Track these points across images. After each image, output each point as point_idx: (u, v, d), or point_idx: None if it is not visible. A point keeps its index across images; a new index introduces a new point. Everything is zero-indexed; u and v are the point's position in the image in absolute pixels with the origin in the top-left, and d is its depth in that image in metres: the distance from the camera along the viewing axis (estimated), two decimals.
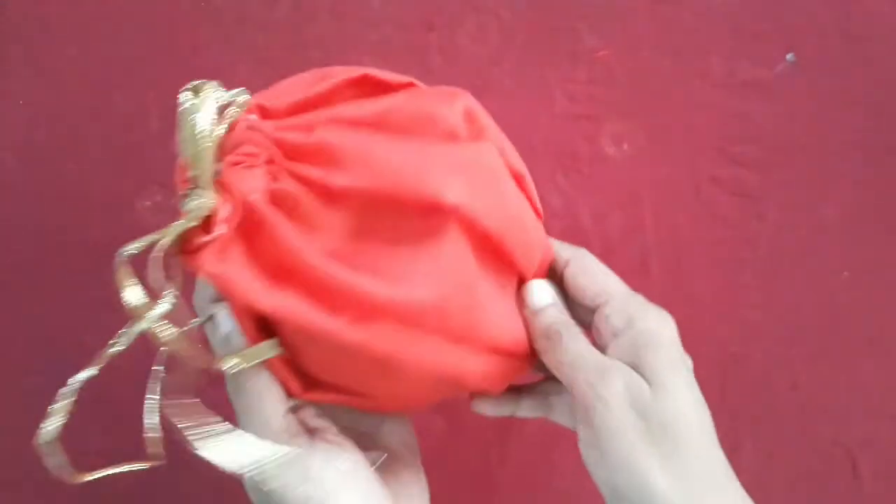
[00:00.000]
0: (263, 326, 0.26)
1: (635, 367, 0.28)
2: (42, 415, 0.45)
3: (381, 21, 0.43)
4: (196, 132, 0.23)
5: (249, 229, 0.23)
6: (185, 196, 0.23)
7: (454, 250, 0.25)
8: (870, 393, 0.45)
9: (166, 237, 0.22)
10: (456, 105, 0.28)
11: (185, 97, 0.23)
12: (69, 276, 0.45)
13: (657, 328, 0.29)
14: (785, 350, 0.45)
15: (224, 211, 0.23)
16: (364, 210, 0.25)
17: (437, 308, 0.24)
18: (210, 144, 0.23)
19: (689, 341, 0.31)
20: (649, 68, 0.44)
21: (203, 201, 0.22)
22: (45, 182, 0.44)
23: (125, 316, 0.45)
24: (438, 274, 0.24)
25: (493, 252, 0.27)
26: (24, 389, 0.45)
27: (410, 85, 0.29)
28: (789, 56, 0.44)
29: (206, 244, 0.22)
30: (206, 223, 0.23)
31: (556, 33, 0.44)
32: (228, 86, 0.44)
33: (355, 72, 0.29)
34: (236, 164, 0.23)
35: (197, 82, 0.23)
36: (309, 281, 0.23)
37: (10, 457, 0.46)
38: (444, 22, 0.44)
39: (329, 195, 0.24)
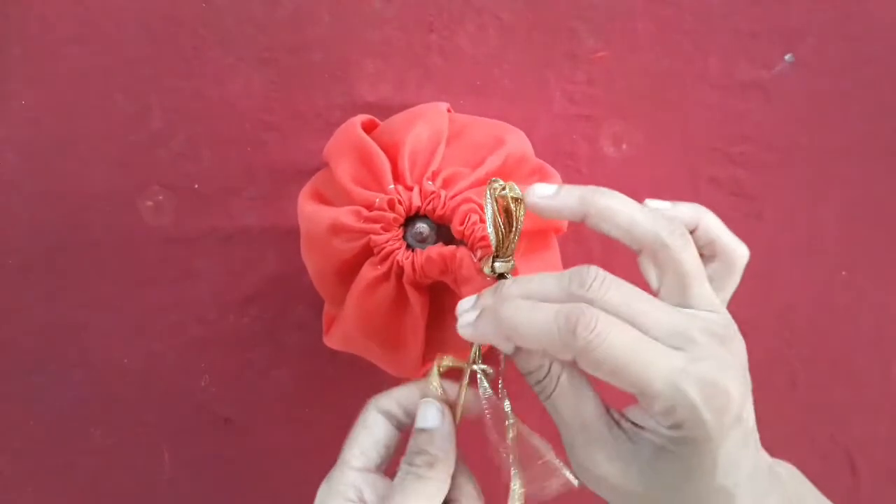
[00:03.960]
0: None
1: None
2: (42, 414, 0.45)
3: (382, 22, 0.44)
4: (516, 227, 0.32)
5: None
6: (492, 258, 0.32)
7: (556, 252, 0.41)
8: (868, 392, 0.45)
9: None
10: (526, 142, 0.39)
11: (497, 187, 0.31)
12: (70, 275, 0.45)
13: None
14: (783, 349, 0.46)
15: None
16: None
17: None
18: (517, 236, 0.32)
19: None
20: (648, 69, 0.45)
21: (510, 265, 0.32)
22: (46, 181, 0.44)
23: (125, 315, 0.45)
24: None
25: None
26: (25, 389, 0.45)
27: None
28: (788, 57, 0.44)
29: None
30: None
31: (556, 34, 0.44)
32: (229, 86, 0.45)
33: (445, 115, 0.38)
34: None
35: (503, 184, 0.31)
36: None
37: (11, 457, 0.46)
38: (445, 23, 0.44)
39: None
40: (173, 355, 0.45)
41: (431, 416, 0.32)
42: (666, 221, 0.29)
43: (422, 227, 0.36)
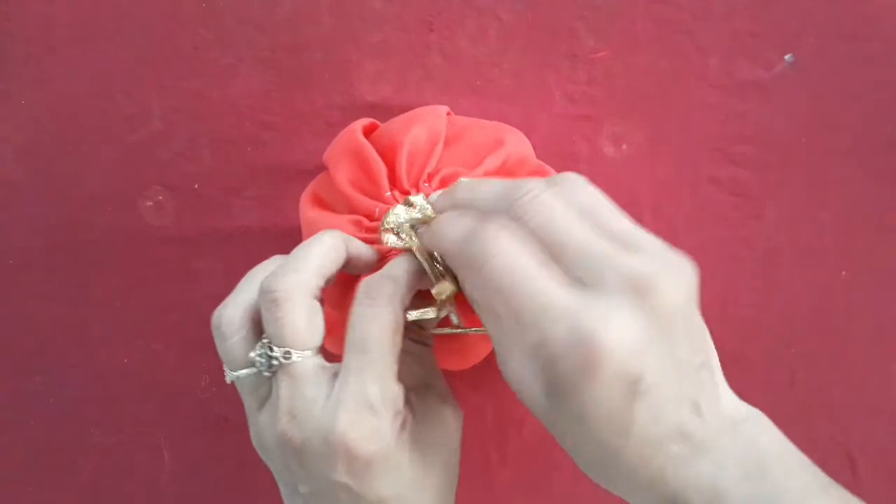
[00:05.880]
0: None
1: None
2: (42, 414, 0.45)
3: (382, 22, 0.44)
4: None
5: None
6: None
7: None
8: (868, 392, 0.45)
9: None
10: (526, 143, 0.40)
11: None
12: (70, 275, 0.45)
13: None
14: (783, 349, 0.46)
15: None
16: None
17: None
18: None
19: None
20: (648, 69, 0.45)
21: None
22: (46, 181, 0.44)
23: (125, 315, 0.45)
24: None
25: None
26: (25, 389, 0.45)
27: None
28: (787, 57, 0.44)
29: None
30: None
31: (556, 34, 0.44)
32: (229, 86, 0.45)
33: (444, 117, 0.38)
34: None
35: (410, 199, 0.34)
36: None
37: (11, 456, 0.46)
38: (445, 23, 0.44)
39: None
40: (173, 355, 0.45)
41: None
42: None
43: None
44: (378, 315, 0.29)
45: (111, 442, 0.46)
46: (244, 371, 0.30)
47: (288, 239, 0.44)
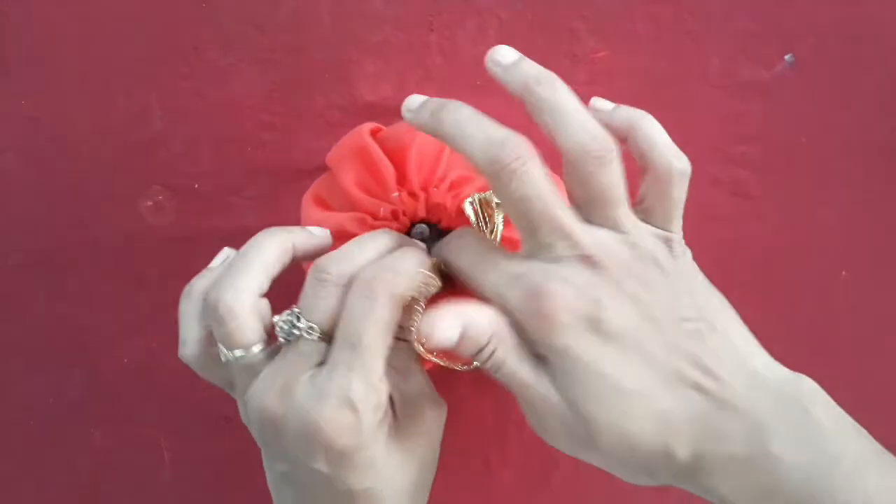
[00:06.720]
0: None
1: None
2: (42, 414, 0.45)
3: (382, 22, 0.44)
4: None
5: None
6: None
7: None
8: (868, 392, 0.45)
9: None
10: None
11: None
12: (70, 275, 0.45)
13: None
14: (783, 349, 0.46)
15: None
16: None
17: None
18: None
19: None
20: (648, 69, 0.45)
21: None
22: (46, 181, 0.44)
23: (125, 315, 0.45)
24: None
25: None
26: (25, 389, 0.45)
27: None
28: (788, 57, 0.44)
29: None
30: None
31: (556, 34, 0.44)
32: (229, 86, 0.45)
33: None
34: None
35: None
36: None
37: (11, 456, 0.46)
38: (445, 23, 0.44)
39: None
40: (173, 355, 0.45)
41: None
42: (591, 137, 0.30)
43: (422, 228, 0.37)
44: (376, 313, 0.29)
45: (111, 442, 0.46)
46: (239, 351, 0.31)
47: None
